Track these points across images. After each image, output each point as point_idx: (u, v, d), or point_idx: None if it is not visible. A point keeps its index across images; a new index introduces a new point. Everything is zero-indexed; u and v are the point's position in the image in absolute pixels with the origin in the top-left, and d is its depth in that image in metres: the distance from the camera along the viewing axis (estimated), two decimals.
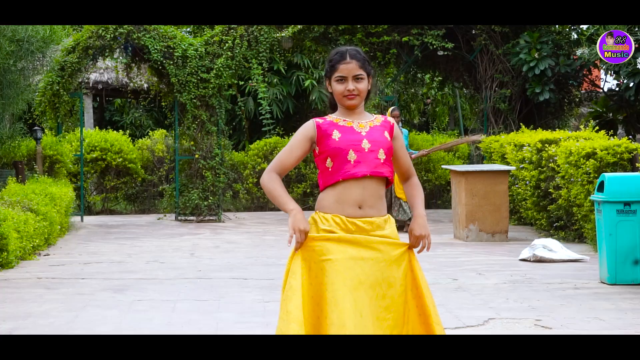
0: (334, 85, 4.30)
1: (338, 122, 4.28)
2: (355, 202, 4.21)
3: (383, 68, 16.55)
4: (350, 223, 4.20)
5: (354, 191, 4.21)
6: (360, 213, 4.22)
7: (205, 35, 16.45)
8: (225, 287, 9.08)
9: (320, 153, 4.27)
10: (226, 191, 17.67)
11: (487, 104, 16.32)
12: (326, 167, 4.25)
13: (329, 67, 4.31)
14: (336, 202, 4.22)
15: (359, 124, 4.28)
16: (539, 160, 13.09)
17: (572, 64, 15.70)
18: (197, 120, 16.00)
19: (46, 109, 15.60)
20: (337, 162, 4.22)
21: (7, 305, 8.15)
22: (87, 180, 17.98)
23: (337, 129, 4.25)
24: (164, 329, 7.05)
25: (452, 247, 12.19)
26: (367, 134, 4.25)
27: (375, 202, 4.24)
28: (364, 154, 4.21)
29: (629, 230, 8.97)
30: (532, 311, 7.73)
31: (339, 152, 4.21)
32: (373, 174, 4.21)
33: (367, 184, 4.21)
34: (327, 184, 4.25)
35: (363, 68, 4.28)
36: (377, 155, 4.23)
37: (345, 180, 4.21)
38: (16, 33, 13.51)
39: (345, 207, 4.21)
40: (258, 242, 13.10)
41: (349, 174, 4.20)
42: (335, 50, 4.37)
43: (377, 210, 4.25)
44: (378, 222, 4.24)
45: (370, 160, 4.21)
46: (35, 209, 11.53)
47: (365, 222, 4.21)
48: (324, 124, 4.28)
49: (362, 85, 4.27)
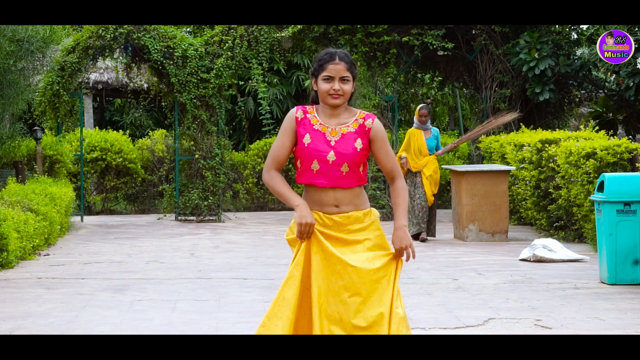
0: (320, 83, 4.44)
1: (314, 125, 4.45)
2: (329, 203, 4.43)
3: (383, 68, 16.54)
4: (327, 218, 4.40)
5: (325, 194, 4.43)
6: (337, 210, 4.42)
7: (205, 35, 16.45)
8: (225, 287, 9.09)
9: (294, 151, 4.50)
10: (226, 191, 17.68)
11: (487, 104, 16.32)
12: (297, 166, 4.50)
13: (317, 66, 4.45)
14: (312, 201, 4.45)
15: (332, 130, 4.43)
16: (539, 160, 13.09)
17: (572, 64, 15.70)
18: (197, 120, 16.00)
19: (46, 109, 15.60)
20: (303, 166, 4.46)
21: (7, 305, 8.15)
22: (87, 180, 17.98)
23: (310, 133, 4.43)
24: (164, 329, 7.05)
25: (452, 247, 12.19)
26: (335, 143, 4.41)
27: (350, 199, 4.43)
28: (328, 166, 4.39)
29: (629, 230, 8.97)
30: (532, 311, 7.73)
31: (306, 158, 4.43)
32: (332, 186, 4.40)
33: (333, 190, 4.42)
34: (298, 182, 4.51)
35: (350, 71, 4.43)
36: (339, 169, 4.40)
37: (308, 185, 4.45)
38: (16, 33, 13.51)
39: (322, 206, 4.43)
40: (258, 242, 13.10)
41: (311, 182, 4.44)
42: (325, 51, 4.51)
43: (354, 205, 4.43)
44: (356, 215, 4.42)
45: (332, 172, 4.40)
46: (35, 209, 11.53)
47: (341, 217, 4.41)
48: (302, 123, 4.46)
49: (348, 87, 4.43)
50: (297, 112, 4.49)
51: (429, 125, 12.88)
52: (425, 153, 12.77)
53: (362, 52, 16.11)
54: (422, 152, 12.76)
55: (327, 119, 4.47)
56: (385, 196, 16.01)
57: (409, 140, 12.82)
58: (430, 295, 8.53)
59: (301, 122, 4.46)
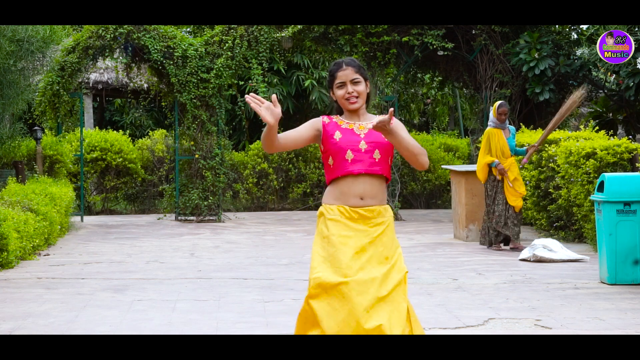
0: (336, 92, 4.74)
1: (341, 125, 4.73)
2: (356, 194, 4.65)
3: (383, 68, 16.54)
4: (353, 212, 4.63)
5: (355, 185, 4.65)
6: (362, 203, 4.65)
7: (205, 35, 16.45)
8: (225, 287, 9.09)
9: (324, 152, 4.74)
10: (226, 191, 17.68)
11: (487, 104, 16.32)
12: (329, 165, 4.72)
13: (329, 77, 4.77)
14: (340, 194, 4.67)
15: (359, 126, 4.72)
16: (539, 160, 13.09)
17: (572, 64, 15.70)
18: (197, 120, 16.01)
19: (46, 109, 15.61)
20: (337, 160, 4.68)
21: (7, 305, 8.15)
22: (87, 180, 17.98)
23: (339, 130, 4.70)
24: (164, 329, 7.06)
25: (452, 247, 12.19)
26: (365, 135, 4.69)
27: (375, 193, 4.67)
28: (361, 154, 4.66)
29: (629, 230, 8.97)
30: (532, 311, 7.73)
31: (339, 152, 4.67)
32: (367, 171, 4.65)
33: (364, 179, 4.65)
34: (330, 179, 4.72)
35: (359, 72, 4.72)
36: (372, 155, 4.66)
37: (344, 176, 4.66)
38: (16, 33, 13.51)
39: (348, 198, 4.65)
40: (258, 242, 13.10)
41: (347, 170, 4.65)
42: (333, 63, 4.84)
43: (378, 200, 4.68)
44: (379, 209, 4.66)
45: (366, 159, 4.65)
46: (35, 209, 11.53)
47: (366, 210, 4.63)
48: (329, 125, 4.73)
49: (360, 88, 4.72)
50: (323, 118, 4.77)
51: (507, 123, 11.79)
52: (508, 154, 11.57)
53: (362, 52, 16.11)
54: (504, 154, 11.54)
55: (351, 121, 4.76)
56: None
57: (488, 141, 11.54)
58: (430, 295, 8.54)
59: (328, 125, 4.73)
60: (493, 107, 11.66)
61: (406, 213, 17.12)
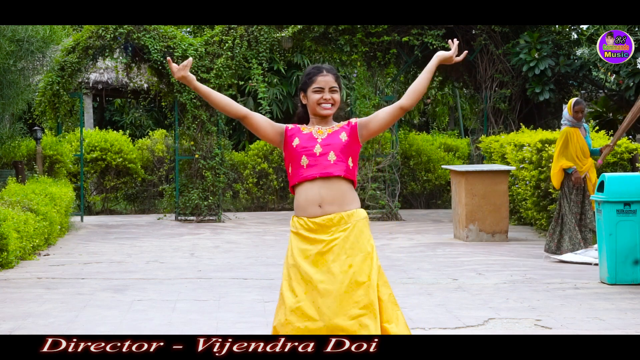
0: (310, 95, 4.64)
1: (303, 131, 4.65)
2: (314, 202, 4.55)
3: (383, 68, 16.55)
4: (312, 222, 4.54)
5: (312, 192, 4.55)
6: (320, 211, 4.54)
7: (205, 35, 16.45)
8: (225, 287, 9.09)
9: (284, 159, 4.70)
10: (226, 191, 17.68)
11: (487, 104, 16.32)
12: (288, 172, 4.67)
13: (306, 79, 4.67)
14: (300, 204, 4.58)
15: (318, 129, 4.63)
16: (539, 160, 13.09)
17: (572, 64, 15.70)
18: (197, 120, 16.01)
19: (46, 109, 15.61)
20: (294, 167, 4.62)
21: (7, 305, 8.15)
22: (87, 180, 17.98)
23: (299, 137, 4.63)
24: (164, 329, 7.05)
25: (452, 247, 12.19)
26: (322, 140, 4.61)
27: (334, 199, 4.54)
28: (316, 158, 4.57)
29: (629, 230, 8.97)
30: (532, 311, 7.73)
31: (295, 157, 4.60)
32: (322, 174, 4.54)
33: (320, 184, 4.55)
34: (291, 186, 4.66)
35: (337, 81, 4.67)
36: (327, 158, 4.56)
37: (300, 183, 4.58)
38: (16, 33, 13.51)
39: (307, 208, 4.56)
40: (258, 242, 13.10)
41: (302, 177, 4.58)
42: (312, 66, 4.78)
43: (338, 206, 4.54)
44: (339, 216, 4.52)
45: (320, 162, 4.56)
46: (35, 209, 11.53)
47: (325, 220, 4.51)
48: (291, 130, 4.66)
49: (337, 96, 4.66)
50: (287, 125, 4.71)
51: (584, 121, 11.01)
52: (588, 154, 10.83)
53: (362, 52, 16.11)
54: (585, 154, 10.79)
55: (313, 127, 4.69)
56: (385, 196, 16.01)
57: (566, 141, 10.77)
58: (430, 295, 8.53)
59: (291, 130, 4.66)
60: (568, 105, 10.91)
61: (406, 213, 17.12)
